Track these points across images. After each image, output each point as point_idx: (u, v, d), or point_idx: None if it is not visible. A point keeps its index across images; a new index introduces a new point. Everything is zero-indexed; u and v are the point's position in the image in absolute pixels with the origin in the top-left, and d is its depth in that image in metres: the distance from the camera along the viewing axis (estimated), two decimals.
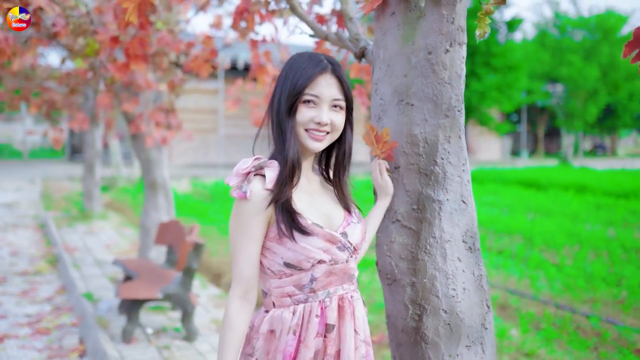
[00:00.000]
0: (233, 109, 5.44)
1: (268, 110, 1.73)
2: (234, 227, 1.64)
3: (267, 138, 1.74)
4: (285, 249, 1.62)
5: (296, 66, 1.66)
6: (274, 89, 1.71)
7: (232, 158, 22.12)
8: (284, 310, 1.67)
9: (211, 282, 6.40)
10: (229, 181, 1.62)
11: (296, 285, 1.65)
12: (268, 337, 1.68)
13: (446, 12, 1.82)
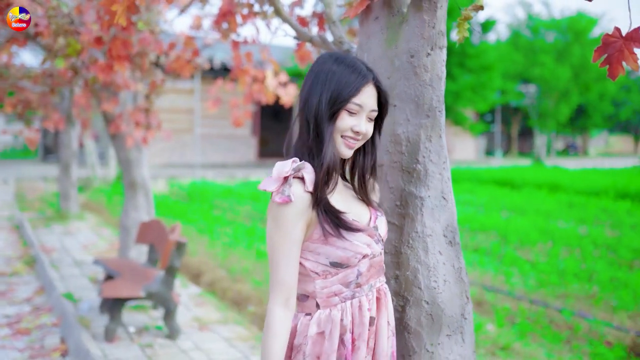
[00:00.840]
0: (213, 109, 5.48)
1: (302, 112, 1.70)
2: (275, 232, 1.60)
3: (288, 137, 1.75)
4: (334, 248, 1.63)
5: (340, 73, 1.64)
6: (308, 91, 1.68)
7: (208, 158, 22.07)
8: (332, 310, 1.66)
9: (191, 282, 6.44)
10: (266, 186, 1.60)
11: (343, 282, 1.66)
12: (317, 339, 1.66)
13: (428, 18, 1.92)
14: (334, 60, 1.67)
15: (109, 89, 5.62)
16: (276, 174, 1.59)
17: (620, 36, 1.51)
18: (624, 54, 1.50)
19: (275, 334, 1.58)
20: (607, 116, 39.74)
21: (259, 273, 6.54)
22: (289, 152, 1.71)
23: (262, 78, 5.04)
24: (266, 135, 26.47)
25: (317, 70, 1.68)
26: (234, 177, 18.59)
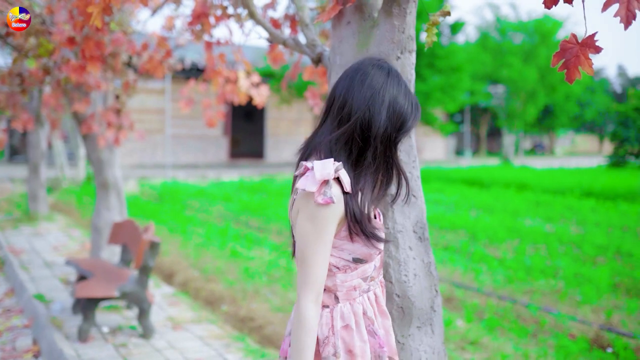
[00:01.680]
0: (186, 109, 5.50)
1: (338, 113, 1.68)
2: (311, 232, 1.60)
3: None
4: (359, 245, 1.67)
5: (402, 102, 1.68)
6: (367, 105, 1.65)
7: (179, 158, 21.94)
8: (353, 303, 1.71)
9: (164, 282, 6.45)
10: (306, 186, 1.58)
11: (362, 277, 1.72)
12: (344, 333, 1.70)
13: (397, 23, 2.00)
14: (395, 83, 1.68)
15: (80, 89, 5.61)
16: (319, 174, 1.57)
17: (576, 42, 1.61)
18: (580, 59, 1.59)
19: (309, 331, 1.59)
20: (572, 116, 40.56)
21: (231, 272, 6.57)
22: (317, 149, 1.70)
23: (235, 79, 5.08)
24: (237, 135, 26.44)
25: (375, 86, 1.67)
26: (205, 177, 18.53)
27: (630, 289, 6.05)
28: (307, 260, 1.61)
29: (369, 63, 1.70)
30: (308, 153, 1.72)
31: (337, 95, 1.69)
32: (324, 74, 3.67)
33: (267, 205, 12.28)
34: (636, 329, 4.86)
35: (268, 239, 8.66)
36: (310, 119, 25.52)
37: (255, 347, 4.40)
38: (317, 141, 1.70)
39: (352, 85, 1.67)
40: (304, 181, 1.59)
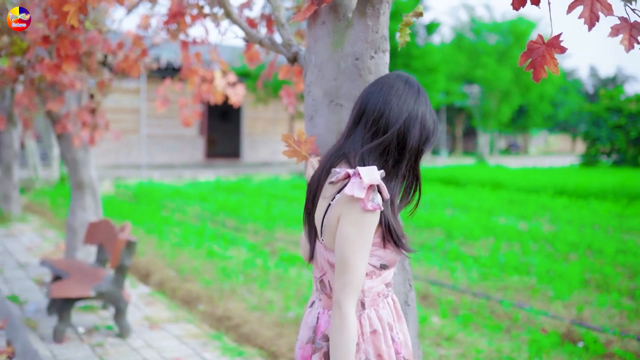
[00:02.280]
0: (162, 108, 5.49)
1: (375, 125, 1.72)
2: (357, 238, 1.61)
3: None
4: (389, 251, 1.71)
5: (431, 121, 1.76)
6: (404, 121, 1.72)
7: (155, 158, 21.79)
8: (377, 309, 1.75)
9: (140, 282, 6.42)
10: (354, 192, 1.58)
11: (384, 282, 1.77)
12: (372, 338, 1.73)
13: (371, 23, 2.04)
14: (424, 101, 1.75)
15: (54, 88, 5.56)
16: (367, 180, 1.58)
17: (542, 43, 1.67)
18: (546, 59, 1.65)
19: (354, 336, 1.60)
20: (546, 116, 41.12)
21: (208, 272, 6.57)
22: (348, 157, 1.73)
23: (211, 78, 5.09)
24: (214, 135, 26.34)
25: (410, 102, 1.73)
26: (181, 177, 18.44)
27: (601, 284, 6.18)
28: (351, 266, 1.61)
29: (401, 79, 1.76)
30: (338, 161, 1.74)
31: (372, 107, 1.73)
32: (300, 73, 3.70)
33: (244, 205, 12.27)
34: (605, 323, 4.98)
35: (245, 238, 8.66)
36: (287, 118, 25.52)
37: (232, 346, 4.42)
38: (346, 149, 1.74)
39: (389, 100, 1.71)
40: (352, 187, 1.59)
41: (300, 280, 6.23)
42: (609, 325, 4.95)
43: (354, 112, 1.78)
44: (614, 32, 1.62)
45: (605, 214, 11.38)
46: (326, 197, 1.72)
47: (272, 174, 20.71)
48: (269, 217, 10.56)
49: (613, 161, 24.92)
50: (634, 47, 1.61)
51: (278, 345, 4.49)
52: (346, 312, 1.60)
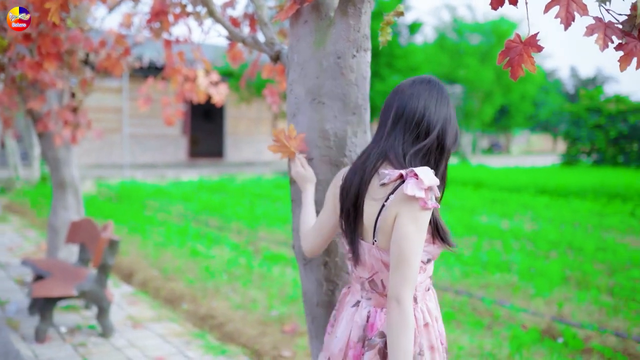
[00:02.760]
0: (144, 107, 5.47)
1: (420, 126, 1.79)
2: (416, 235, 1.67)
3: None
4: (436, 247, 1.79)
5: (456, 122, 1.87)
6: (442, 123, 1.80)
7: (137, 158, 21.65)
8: (427, 302, 1.84)
9: (123, 281, 6.40)
10: (415, 192, 1.64)
11: (429, 276, 1.86)
12: (424, 331, 1.80)
13: (353, 22, 2.07)
14: (451, 104, 1.86)
15: (35, 87, 5.52)
16: (427, 181, 1.65)
17: (520, 41, 1.70)
18: (523, 57, 1.69)
19: (413, 329, 1.65)
20: (528, 116, 41.49)
21: (192, 271, 6.57)
22: (391, 159, 1.78)
23: (194, 77, 5.08)
24: (196, 135, 26.23)
25: (446, 105, 1.82)
26: (164, 177, 18.35)
27: (580, 281, 6.27)
28: (410, 262, 1.66)
29: (433, 83, 1.83)
30: (380, 163, 1.79)
31: (411, 111, 1.79)
32: (283, 72, 3.72)
33: (227, 204, 12.25)
34: (584, 320, 5.06)
35: (228, 238, 8.66)
36: (270, 117, 25.50)
37: (215, 344, 4.43)
38: (386, 150, 1.79)
39: (428, 104, 1.79)
40: (412, 187, 1.65)
41: (284, 279, 6.24)
42: (588, 321, 5.02)
43: (390, 115, 1.82)
44: (589, 32, 1.66)
45: (585, 213, 11.52)
46: (377, 198, 1.75)
47: (256, 173, 20.69)
48: (252, 217, 10.55)
49: (593, 160, 25.23)
50: (608, 46, 1.65)
51: (262, 344, 4.50)
52: (406, 306, 1.64)
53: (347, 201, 1.82)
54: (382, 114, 1.86)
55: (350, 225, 1.82)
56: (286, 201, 13.05)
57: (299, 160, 2.14)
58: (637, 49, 1.65)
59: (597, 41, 1.64)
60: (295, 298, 5.53)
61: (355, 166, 1.84)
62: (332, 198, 1.94)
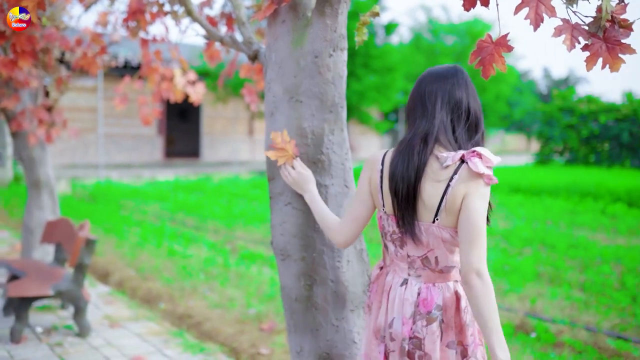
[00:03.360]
0: (121, 106, 5.46)
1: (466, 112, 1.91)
2: (484, 210, 1.80)
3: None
4: None
5: None
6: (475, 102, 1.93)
7: (112, 158, 21.45)
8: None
9: (99, 281, 6.36)
10: (482, 170, 1.78)
11: None
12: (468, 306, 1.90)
13: (330, 22, 2.11)
14: None
15: (9, 85, 5.47)
16: (493, 160, 1.80)
17: (491, 42, 1.76)
18: (494, 57, 1.75)
19: (494, 299, 1.75)
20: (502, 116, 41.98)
21: (169, 271, 6.55)
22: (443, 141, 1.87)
23: (171, 76, 5.08)
24: (172, 134, 26.07)
25: (477, 97, 1.96)
26: (140, 177, 18.22)
27: (553, 277, 6.40)
28: (483, 234, 1.77)
29: (464, 72, 1.94)
30: (432, 145, 1.86)
31: (452, 97, 1.89)
32: (260, 72, 3.75)
33: (204, 204, 12.22)
34: (557, 315, 5.17)
35: (205, 237, 8.65)
36: (247, 117, 25.44)
37: (194, 342, 4.44)
38: (436, 133, 1.87)
39: (469, 92, 1.92)
40: (478, 166, 1.78)
41: (261, 278, 6.27)
42: (560, 316, 5.13)
43: (433, 100, 1.89)
44: (557, 33, 1.72)
45: (557, 211, 11.73)
46: (441, 180, 1.82)
47: (232, 173, 20.64)
48: (229, 216, 10.55)
49: (566, 160, 25.63)
50: (575, 47, 1.71)
51: (240, 342, 4.52)
52: (487, 277, 1.75)
53: (403, 184, 1.85)
54: (418, 100, 1.93)
55: (406, 207, 1.86)
56: (263, 200, 13.05)
57: (300, 165, 2.19)
58: (602, 49, 1.72)
59: (564, 42, 1.71)
60: (272, 296, 5.55)
61: (400, 151, 1.88)
62: (367, 185, 1.97)
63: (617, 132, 23.60)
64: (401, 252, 1.92)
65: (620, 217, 11.17)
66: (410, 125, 1.93)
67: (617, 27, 1.72)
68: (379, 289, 1.99)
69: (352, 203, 1.99)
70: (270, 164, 2.26)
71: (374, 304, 1.99)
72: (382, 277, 2.00)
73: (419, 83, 1.94)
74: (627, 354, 4.29)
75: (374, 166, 1.95)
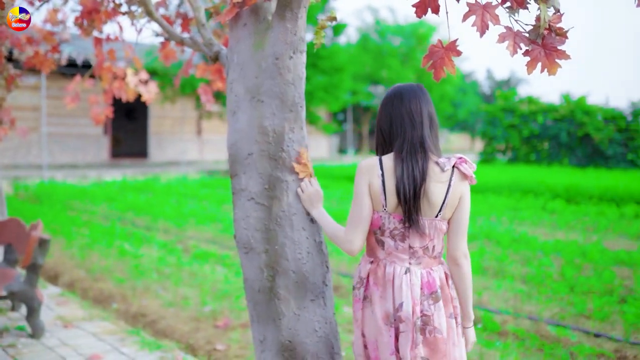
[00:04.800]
0: (72, 105, 5.41)
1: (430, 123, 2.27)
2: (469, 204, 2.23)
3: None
4: None
5: None
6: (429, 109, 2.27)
7: (56, 158, 20.94)
8: None
9: (48, 282, 6.28)
10: (470, 172, 2.20)
11: None
12: None
13: (290, 26, 2.22)
14: None
15: None
16: (474, 166, 2.21)
17: (442, 46, 1.91)
18: (445, 61, 1.89)
19: None
20: (447, 116, 42.91)
21: (120, 271, 6.52)
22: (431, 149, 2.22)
23: (123, 75, 5.07)
24: (118, 134, 25.63)
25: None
26: (86, 177, 17.87)
27: (497, 271, 6.68)
28: (467, 225, 2.22)
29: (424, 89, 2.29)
30: (427, 152, 2.18)
31: (427, 111, 2.23)
32: (216, 72, 3.82)
33: (154, 204, 12.11)
34: (501, 306, 5.42)
35: (156, 237, 8.60)
36: (195, 117, 25.24)
37: (150, 340, 4.46)
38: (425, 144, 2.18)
39: (431, 104, 2.27)
40: (469, 170, 2.19)
41: (215, 277, 6.31)
42: (504, 307, 5.39)
43: (415, 116, 2.20)
44: (501, 39, 1.88)
45: (501, 207, 12.15)
46: (443, 181, 2.17)
47: (181, 173, 20.46)
48: (180, 216, 10.50)
49: (508, 158, 26.44)
50: (517, 52, 1.88)
51: (196, 339, 4.58)
52: (469, 259, 2.23)
53: (410, 186, 2.12)
54: (406, 114, 2.20)
55: (413, 205, 2.13)
56: (213, 200, 13.03)
57: (315, 180, 2.37)
58: (541, 55, 1.89)
59: (508, 47, 1.87)
60: (227, 293, 5.61)
61: (403, 158, 2.15)
62: (367, 189, 2.18)
63: (556, 131, 24.52)
64: (402, 245, 2.18)
65: (559, 212, 11.68)
66: (399, 136, 2.19)
67: (554, 35, 1.89)
68: (378, 281, 2.20)
69: (354, 209, 2.18)
70: (234, 162, 2.35)
71: (373, 295, 2.19)
72: (379, 270, 2.21)
73: (400, 99, 2.21)
74: (566, 339, 4.55)
75: (373, 172, 2.17)
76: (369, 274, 2.23)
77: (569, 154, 24.39)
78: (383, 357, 2.16)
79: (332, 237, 2.24)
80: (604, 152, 23.36)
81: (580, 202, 13.26)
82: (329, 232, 2.25)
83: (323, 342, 2.33)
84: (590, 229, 9.89)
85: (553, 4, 1.85)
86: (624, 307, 5.11)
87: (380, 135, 2.26)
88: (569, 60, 1.90)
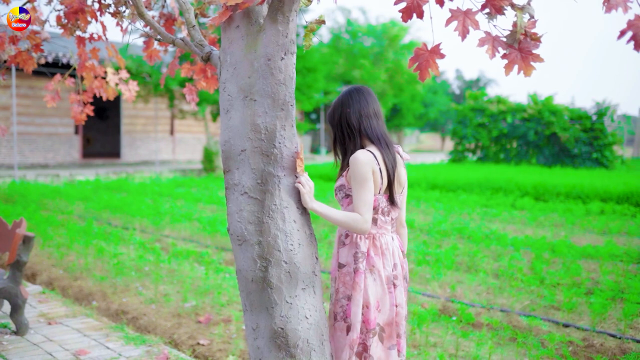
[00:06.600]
0: (52, 103, 5.43)
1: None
2: None
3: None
4: None
5: None
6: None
7: (27, 158, 20.65)
8: None
9: (27, 281, 6.28)
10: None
11: None
12: None
13: (282, 28, 2.33)
14: None
15: None
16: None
17: (427, 50, 2.05)
18: (429, 63, 2.03)
19: None
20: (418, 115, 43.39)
21: (99, 269, 6.55)
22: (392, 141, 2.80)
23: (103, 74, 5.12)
24: (90, 134, 25.38)
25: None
26: (58, 177, 17.69)
27: (470, 266, 6.89)
28: None
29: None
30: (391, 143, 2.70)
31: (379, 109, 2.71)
32: (201, 71, 3.91)
33: (129, 203, 12.08)
34: (475, 299, 5.61)
35: (134, 236, 8.62)
36: (168, 116, 25.12)
37: (135, 335, 4.53)
38: (386, 134, 2.69)
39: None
40: (406, 155, 2.84)
41: (195, 274, 6.38)
42: (478, 299, 5.58)
43: (378, 113, 2.69)
44: (480, 43, 2.03)
45: (472, 205, 12.42)
46: (403, 165, 2.76)
47: (154, 172, 20.38)
48: (156, 215, 10.51)
49: (478, 157, 26.90)
50: (495, 55, 2.03)
51: (178, 334, 4.66)
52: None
53: (393, 171, 2.61)
54: (373, 112, 2.66)
55: (393, 186, 2.62)
56: (188, 199, 13.05)
57: (307, 178, 2.52)
58: (517, 58, 2.04)
59: (487, 51, 2.02)
60: (207, 290, 5.69)
61: (383, 149, 2.61)
62: (371, 177, 2.54)
63: (524, 131, 25.02)
64: (387, 218, 2.67)
65: (528, 209, 11.99)
66: (371, 130, 2.63)
67: (529, 40, 2.04)
68: (377, 251, 2.62)
69: (366, 195, 2.50)
70: (227, 158, 2.46)
71: (376, 263, 2.59)
72: (376, 241, 2.63)
73: (365, 98, 2.66)
74: (537, 329, 4.76)
75: (374, 163, 2.55)
76: (369, 248, 2.61)
77: (537, 153, 24.92)
78: (384, 310, 2.58)
79: (344, 223, 2.49)
80: (570, 151, 23.93)
81: (548, 199, 13.63)
82: (340, 219, 2.50)
83: (314, 329, 2.46)
84: (558, 225, 10.20)
85: (528, 11, 2.01)
86: (590, 298, 5.35)
87: (345, 132, 2.63)
88: (542, 62, 2.06)
